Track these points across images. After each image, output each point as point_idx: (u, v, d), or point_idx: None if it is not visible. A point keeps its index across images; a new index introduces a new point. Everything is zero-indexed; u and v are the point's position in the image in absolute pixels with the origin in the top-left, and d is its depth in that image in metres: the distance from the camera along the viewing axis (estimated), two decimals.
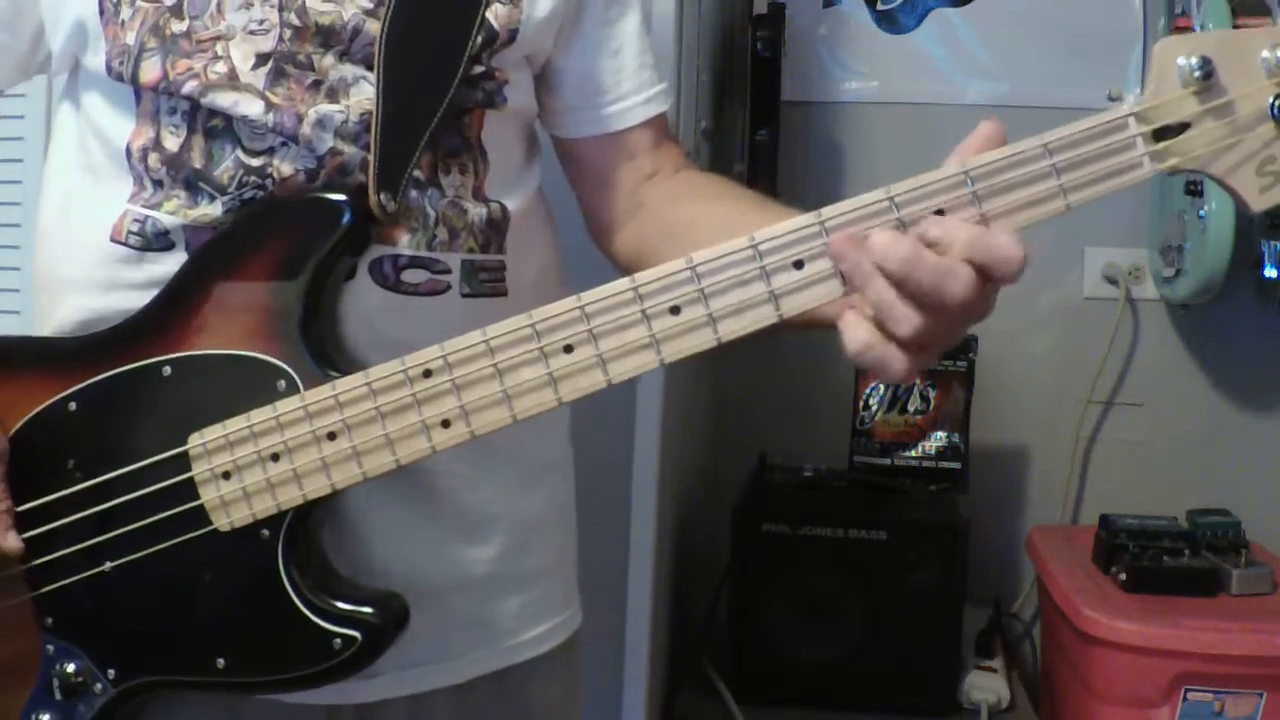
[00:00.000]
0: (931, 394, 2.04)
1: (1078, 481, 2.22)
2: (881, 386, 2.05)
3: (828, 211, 0.77)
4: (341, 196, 0.88)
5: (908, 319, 0.73)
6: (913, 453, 2.04)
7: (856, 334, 0.75)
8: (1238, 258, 1.89)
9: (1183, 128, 0.75)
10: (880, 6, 2.22)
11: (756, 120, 2.03)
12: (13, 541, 0.89)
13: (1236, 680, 1.62)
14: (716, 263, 0.78)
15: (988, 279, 0.73)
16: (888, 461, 2.04)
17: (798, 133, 2.18)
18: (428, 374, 0.82)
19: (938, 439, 2.04)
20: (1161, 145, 0.75)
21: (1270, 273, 1.97)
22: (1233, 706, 1.63)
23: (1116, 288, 2.18)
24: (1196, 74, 0.73)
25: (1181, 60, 0.74)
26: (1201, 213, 1.88)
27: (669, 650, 1.86)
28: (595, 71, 1.02)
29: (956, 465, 2.02)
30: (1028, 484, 2.24)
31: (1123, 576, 1.74)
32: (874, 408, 2.05)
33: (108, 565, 0.89)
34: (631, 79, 1.03)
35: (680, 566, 1.95)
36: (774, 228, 0.77)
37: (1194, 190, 1.90)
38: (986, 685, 1.84)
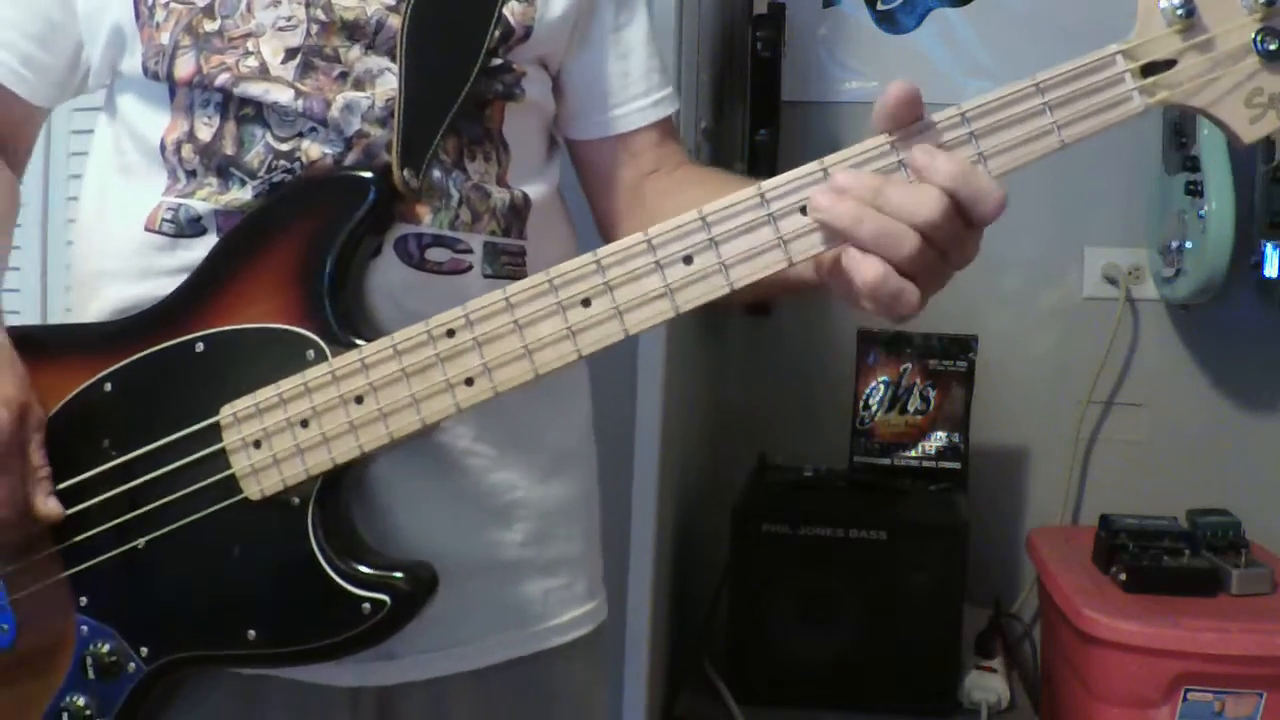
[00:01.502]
0: (931, 394, 2.04)
1: (1078, 482, 2.22)
2: (881, 386, 2.05)
3: (830, 159, 0.80)
4: (368, 173, 0.90)
5: (906, 235, 0.75)
6: (913, 453, 2.04)
7: (869, 266, 0.76)
8: (1238, 258, 1.89)
9: (1169, 64, 0.79)
10: (880, 6, 2.22)
11: (756, 120, 2.03)
12: (53, 506, 0.90)
13: (1236, 680, 1.62)
14: (725, 211, 0.80)
15: (968, 216, 0.76)
16: (888, 461, 2.04)
17: (798, 133, 2.18)
18: (450, 333, 0.84)
19: (938, 439, 2.04)
20: (1149, 80, 0.79)
21: (1270, 272, 1.97)
22: (1233, 706, 1.63)
23: (1116, 288, 2.18)
24: (1179, 12, 0.78)
25: (1164, 2, 0.78)
26: (1201, 213, 1.88)
27: (669, 650, 1.86)
28: (603, 77, 1.04)
29: (956, 465, 2.03)
30: (1028, 484, 2.24)
31: (1123, 576, 1.74)
32: (874, 408, 2.05)
33: (141, 542, 0.90)
34: (638, 84, 1.05)
35: (680, 566, 1.95)
36: (780, 176, 0.79)
37: (1194, 190, 1.90)
38: (986, 685, 1.84)
